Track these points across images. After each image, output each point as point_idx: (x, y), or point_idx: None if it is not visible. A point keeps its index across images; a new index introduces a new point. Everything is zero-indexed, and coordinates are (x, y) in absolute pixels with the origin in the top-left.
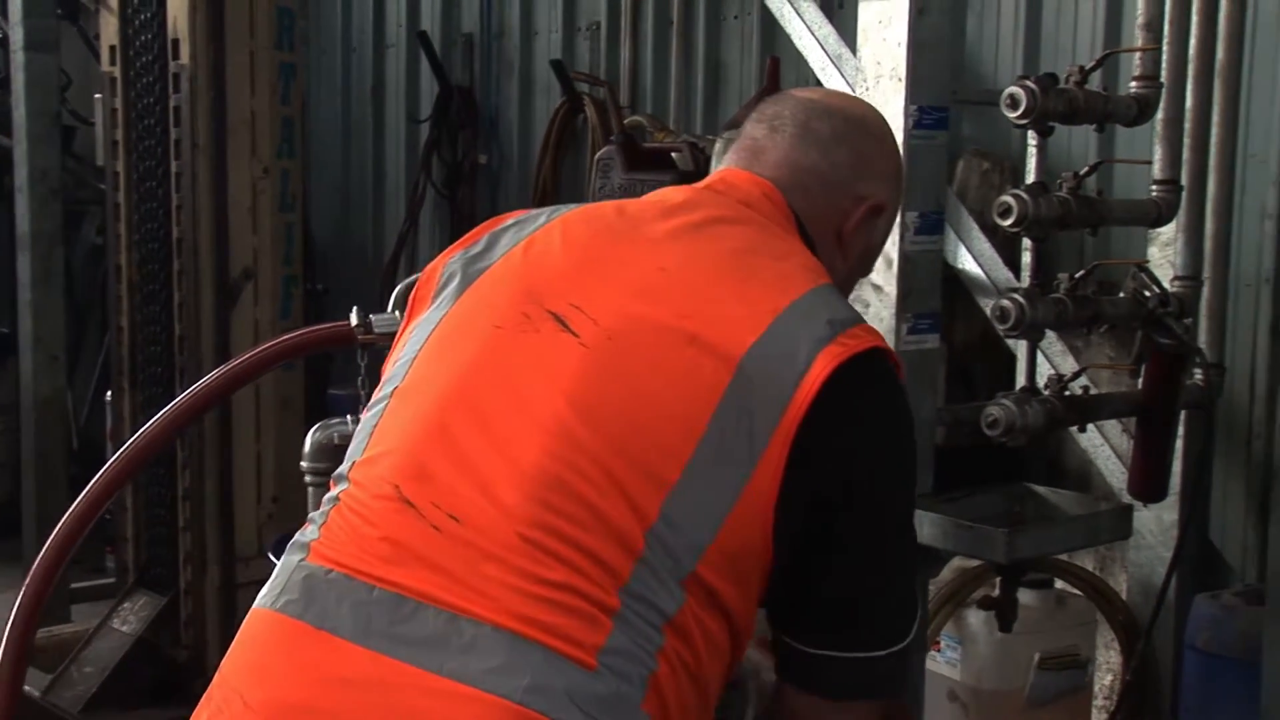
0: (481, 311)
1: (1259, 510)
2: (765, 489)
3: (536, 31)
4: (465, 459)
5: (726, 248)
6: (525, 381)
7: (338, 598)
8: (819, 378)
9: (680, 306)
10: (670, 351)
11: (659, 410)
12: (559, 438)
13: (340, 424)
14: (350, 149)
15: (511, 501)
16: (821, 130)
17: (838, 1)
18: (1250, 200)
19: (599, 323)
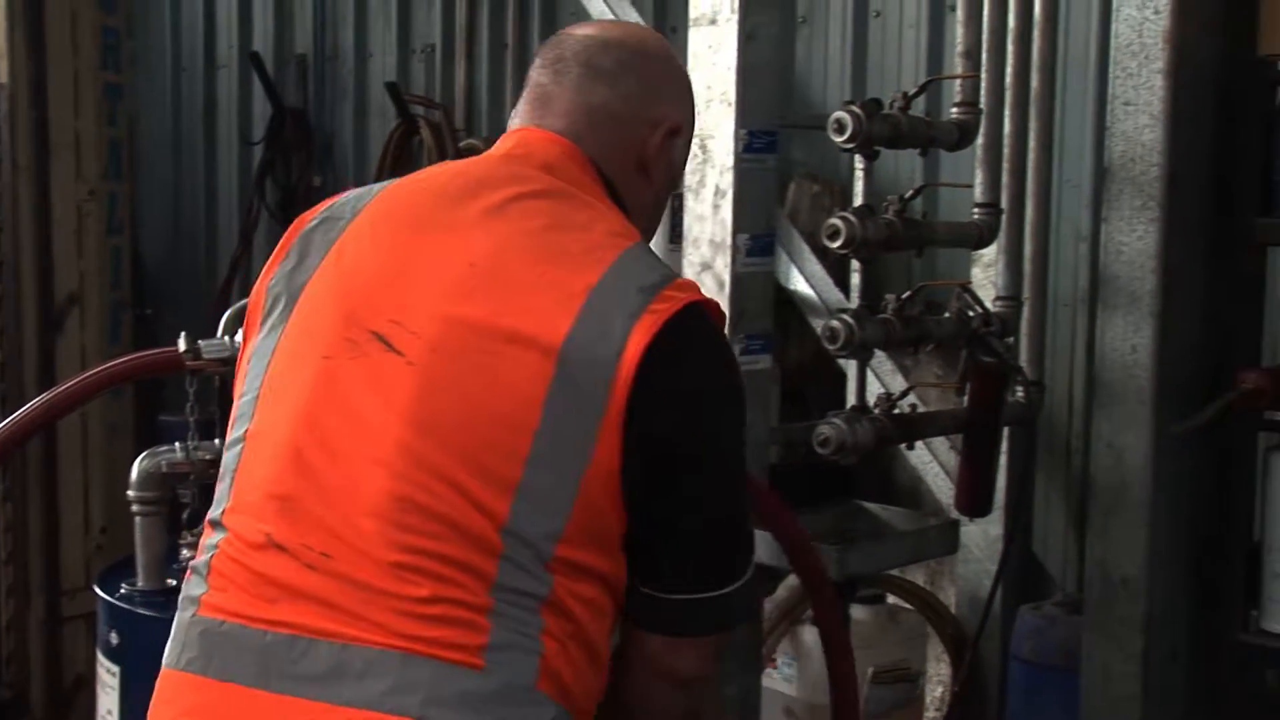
0: (308, 342)
1: (1078, 522)
2: (606, 467)
3: (371, 53)
4: (323, 494)
5: (532, 227)
6: (363, 409)
7: (236, 648)
8: (636, 353)
9: (495, 303)
10: (492, 353)
11: (491, 414)
12: (402, 459)
13: (169, 451)
14: (181, 171)
15: (371, 529)
16: (605, 64)
17: (670, 27)
18: (1066, 223)
19: (420, 335)
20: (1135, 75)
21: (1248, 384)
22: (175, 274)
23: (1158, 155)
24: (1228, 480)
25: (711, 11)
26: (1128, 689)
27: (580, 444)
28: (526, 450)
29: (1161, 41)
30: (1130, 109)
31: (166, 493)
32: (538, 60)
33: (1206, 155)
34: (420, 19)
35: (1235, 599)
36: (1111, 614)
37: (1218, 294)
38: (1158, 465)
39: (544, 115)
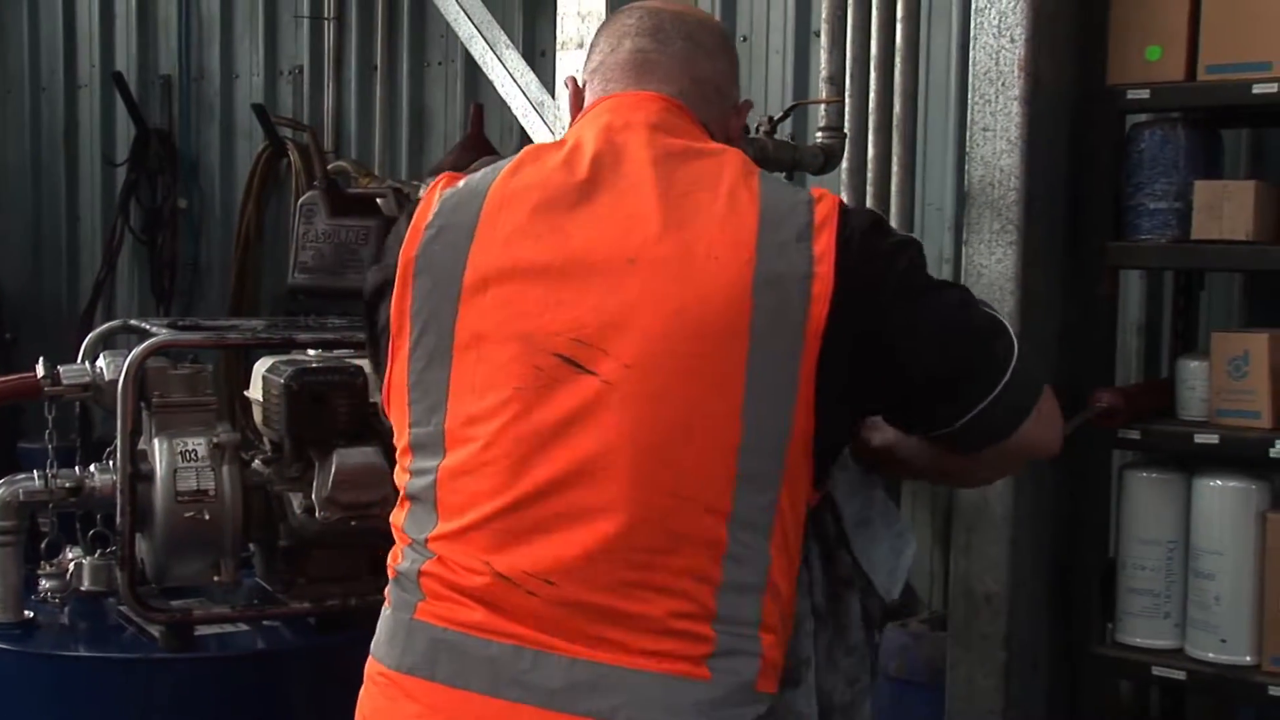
0: (492, 374)
1: (942, 540)
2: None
3: (237, 74)
4: (542, 524)
5: (675, 195)
6: (572, 436)
7: (463, 656)
8: (824, 288)
9: (667, 300)
10: (682, 354)
11: (702, 413)
12: (624, 485)
13: (26, 480)
14: (41, 193)
15: (598, 555)
16: (706, 40)
17: (539, 49)
18: (929, 246)
19: (608, 351)
20: (993, 102)
21: (1102, 403)
22: (36, 298)
23: (1015, 180)
24: (1084, 498)
25: (579, 35)
26: (990, 702)
27: (783, 395)
28: (738, 437)
29: (1018, 69)
30: (989, 134)
31: (24, 522)
32: (624, 27)
33: (1062, 180)
34: (288, 40)
35: (1092, 613)
36: (974, 630)
37: (1073, 315)
38: (1018, 483)
39: (649, 80)
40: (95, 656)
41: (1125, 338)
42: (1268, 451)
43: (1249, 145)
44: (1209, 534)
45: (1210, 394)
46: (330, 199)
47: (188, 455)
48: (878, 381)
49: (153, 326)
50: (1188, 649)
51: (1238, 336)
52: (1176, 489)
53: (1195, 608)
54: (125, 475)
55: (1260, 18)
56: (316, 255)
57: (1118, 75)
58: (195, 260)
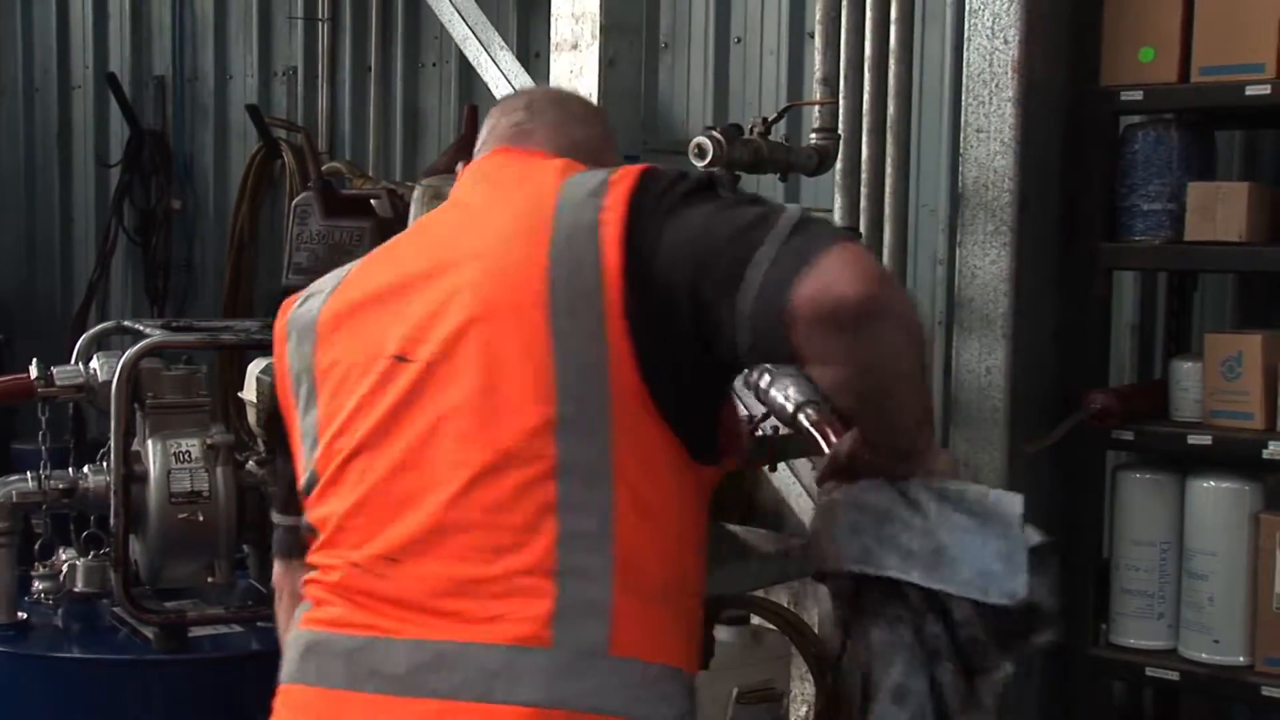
0: (345, 396)
1: None
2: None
3: (231, 75)
4: (387, 509)
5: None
6: (402, 423)
7: (329, 655)
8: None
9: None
10: (486, 323)
11: (512, 375)
12: (447, 453)
13: (20, 480)
14: (35, 194)
15: (431, 527)
16: (577, 110)
17: (534, 51)
18: (923, 247)
19: (426, 340)
20: (987, 103)
21: (1096, 404)
22: (30, 299)
23: (1009, 181)
24: (1078, 498)
25: (573, 37)
26: None
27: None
28: (551, 388)
29: (1011, 71)
30: (982, 136)
31: (18, 523)
32: (500, 110)
33: (1055, 181)
34: (281, 41)
35: (1086, 614)
36: None
37: (1067, 316)
38: (1012, 484)
39: (526, 145)
40: (89, 658)
41: (1119, 339)
42: (1261, 452)
43: (1242, 147)
44: (1202, 535)
45: (1203, 395)
46: (324, 200)
47: (181, 456)
48: (665, 311)
49: (146, 328)
50: (1181, 650)
51: (1231, 338)
52: (1170, 490)
53: (1188, 608)
54: (119, 476)
55: (1253, 20)
56: (311, 256)
57: (1111, 77)
58: (189, 261)
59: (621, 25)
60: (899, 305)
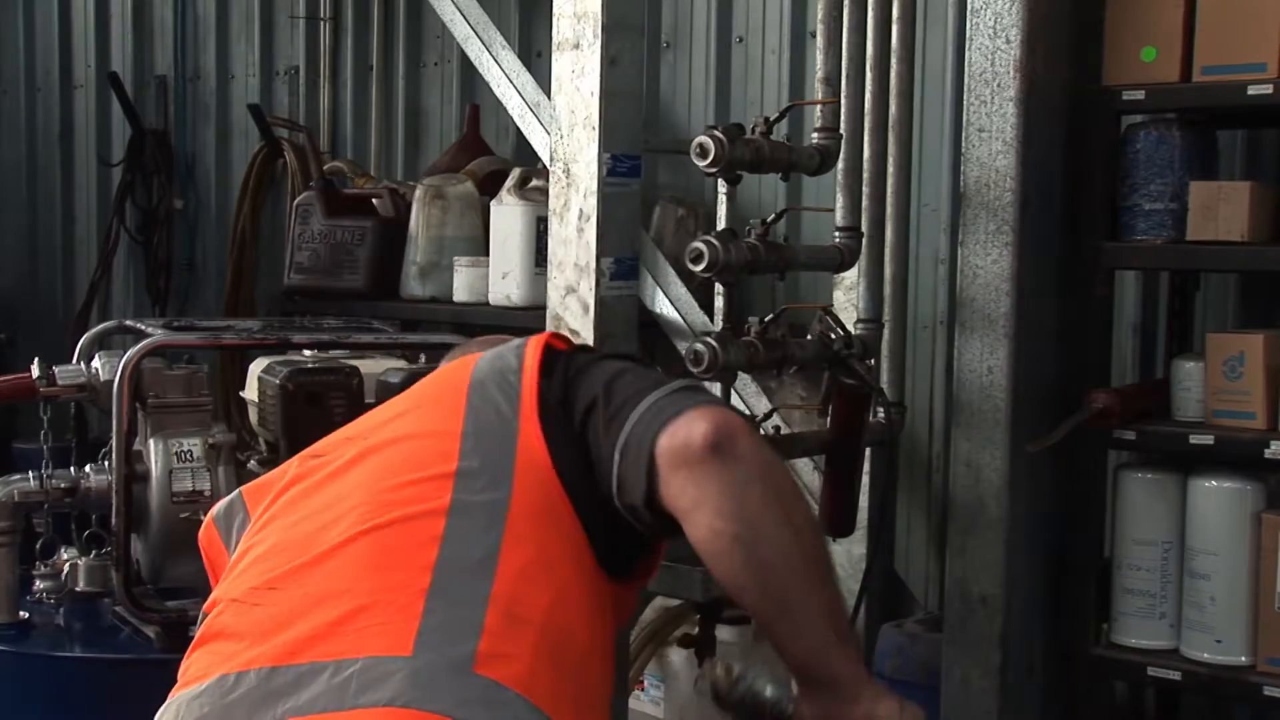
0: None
1: (938, 541)
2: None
3: (233, 75)
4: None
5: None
6: (310, 500)
7: (195, 703)
8: (531, 384)
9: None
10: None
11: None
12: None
13: (21, 480)
14: (37, 193)
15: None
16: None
17: (535, 50)
18: (925, 247)
19: (342, 455)
20: (988, 103)
21: (1098, 403)
22: (32, 298)
23: (1011, 180)
24: (1079, 498)
25: (574, 36)
26: (986, 703)
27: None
28: (456, 446)
29: (1013, 70)
30: (984, 135)
31: (19, 522)
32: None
33: (1057, 181)
34: (283, 41)
35: (1088, 613)
36: (970, 631)
37: (1069, 316)
38: (1014, 484)
39: None
40: (90, 657)
41: (1121, 338)
42: (1263, 452)
43: (1244, 146)
44: (1204, 534)
45: (1206, 395)
46: (326, 199)
47: (183, 456)
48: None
49: (148, 327)
50: (1183, 649)
51: (1233, 337)
52: (1172, 489)
53: (1190, 608)
54: (120, 476)
55: (1255, 19)
56: (312, 256)
57: (1113, 76)
58: (191, 261)
59: (623, 24)
60: (753, 452)
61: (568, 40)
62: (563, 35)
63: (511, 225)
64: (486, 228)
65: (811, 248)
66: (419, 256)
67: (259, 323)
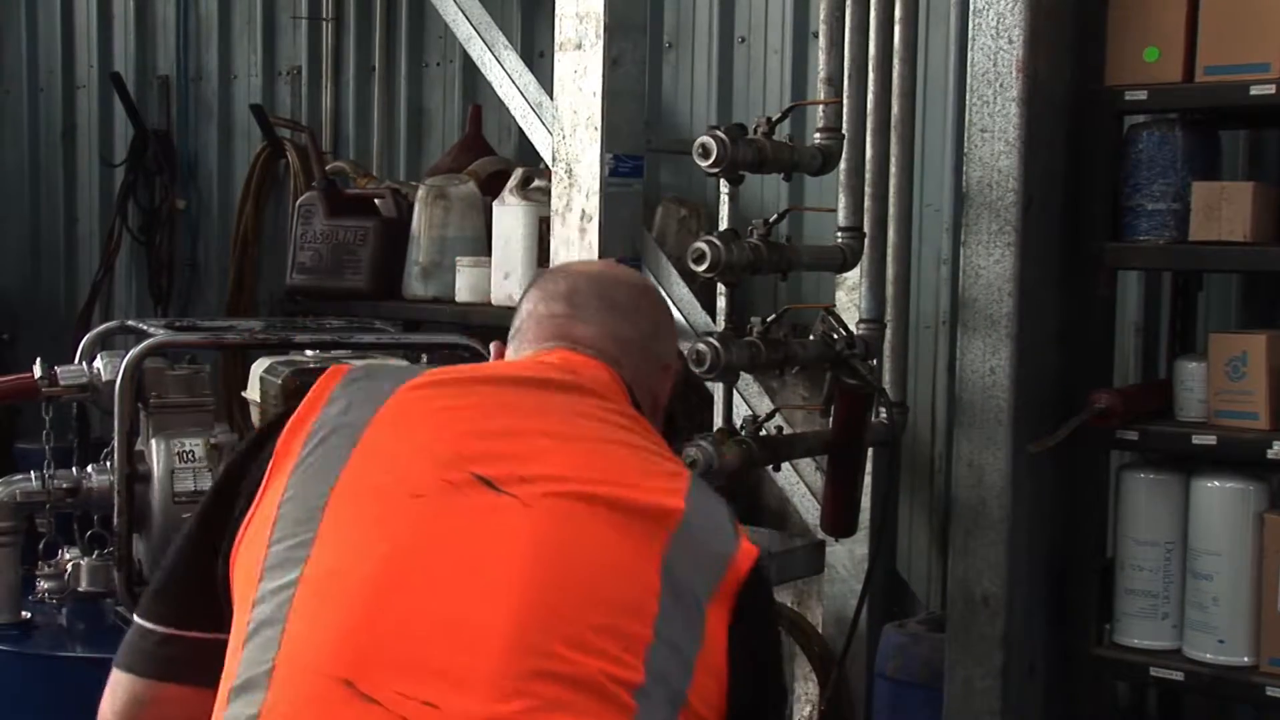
0: (388, 481)
1: (940, 541)
2: (714, 648)
3: (235, 75)
4: (425, 634)
5: (615, 428)
6: (470, 546)
7: None
8: (747, 560)
9: (601, 473)
10: (605, 515)
11: (616, 568)
12: (527, 601)
13: (23, 480)
14: (39, 193)
15: (490, 670)
16: (621, 299)
17: (538, 51)
18: (927, 247)
19: (532, 483)
20: (991, 103)
21: (1100, 404)
22: (34, 298)
23: (1013, 181)
24: (1082, 498)
25: (577, 37)
26: (988, 704)
27: (694, 617)
28: (655, 609)
29: (1015, 70)
30: (987, 135)
31: (21, 522)
32: (539, 293)
33: (1060, 181)
34: (286, 41)
35: (1089, 614)
36: (972, 631)
37: (1071, 316)
38: (1016, 484)
39: (575, 344)
40: (93, 657)
41: (1123, 338)
42: (1265, 452)
43: (1247, 146)
44: (1207, 535)
45: (1208, 395)
46: (328, 200)
47: (185, 456)
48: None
49: (150, 327)
50: (1185, 650)
51: (1236, 337)
52: (1174, 490)
53: (1193, 608)
54: (123, 476)
55: (1258, 19)
56: (314, 256)
57: (1116, 76)
58: (193, 261)
59: (625, 25)
60: None
61: (570, 41)
62: (565, 36)
63: (514, 225)
64: (489, 228)
65: (814, 248)
66: (421, 256)
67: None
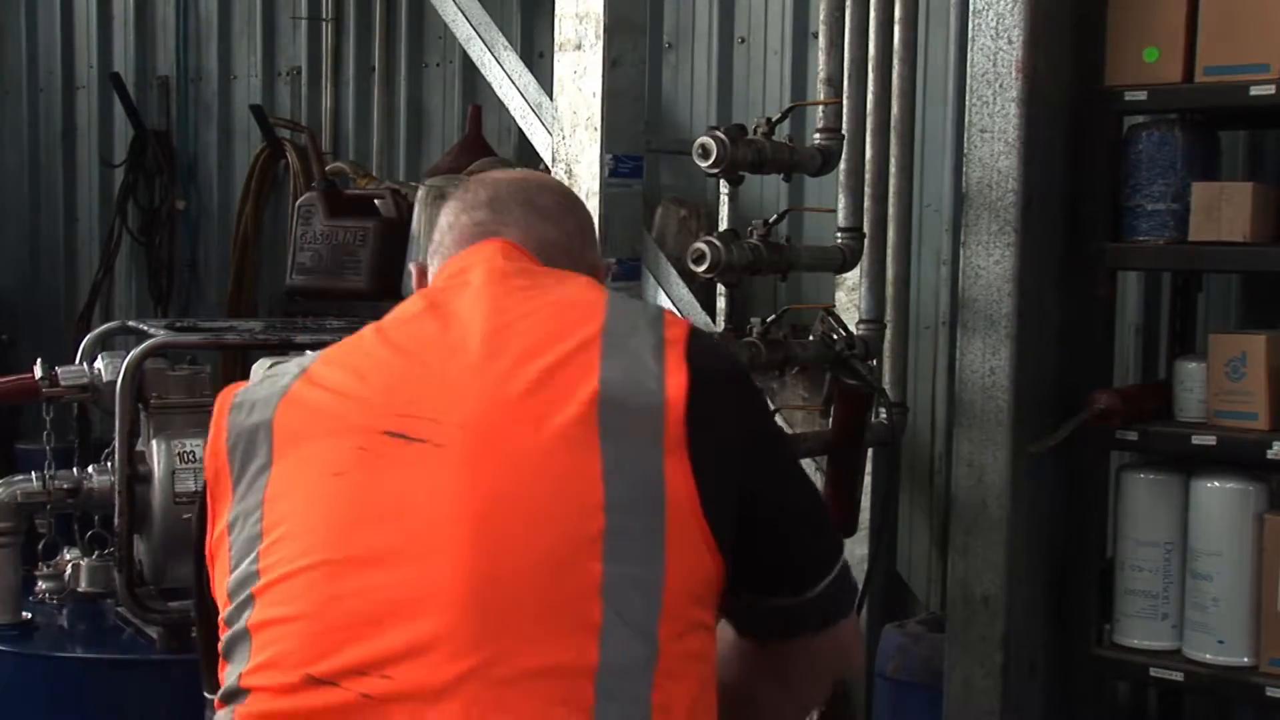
0: (310, 469)
1: (940, 541)
2: (684, 499)
3: (235, 75)
4: (375, 608)
5: (515, 302)
6: (402, 506)
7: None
8: (681, 384)
9: (509, 369)
10: (526, 417)
11: (551, 478)
12: (472, 550)
13: (24, 480)
14: (39, 194)
15: (444, 631)
16: (545, 203)
17: (537, 51)
18: (927, 247)
19: (440, 420)
20: (990, 103)
21: (1100, 404)
22: (33, 300)
23: (1013, 181)
24: (1082, 498)
25: (577, 37)
26: (988, 703)
27: (651, 482)
28: (600, 523)
29: (1015, 71)
30: (986, 136)
31: (21, 523)
32: (458, 204)
33: (1059, 181)
34: (285, 42)
35: (1090, 614)
36: (972, 631)
37: (1071, 316)
38: (1016, 484)
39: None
40: (93, 658)
41: (1123, 339)
42: (1265, 453)
43: (1246, 147)
44: (1207, 535)
45: (1208, 395)
46: (328, 200)
47: (186, 456)
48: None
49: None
50: (1185, 650)
51: (1235, 338)
52: (1174, 490)
53: (1193, 609)
54: (123, 476)
55: (1257, 20)
56: (314, 256)
57: (1115, 77)
58: (193, 261)
59: (625, 25)
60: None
61: (570, 41)
62: (565, 36)
63: None
64: None
65: (813, 248)
66: (421, 257)
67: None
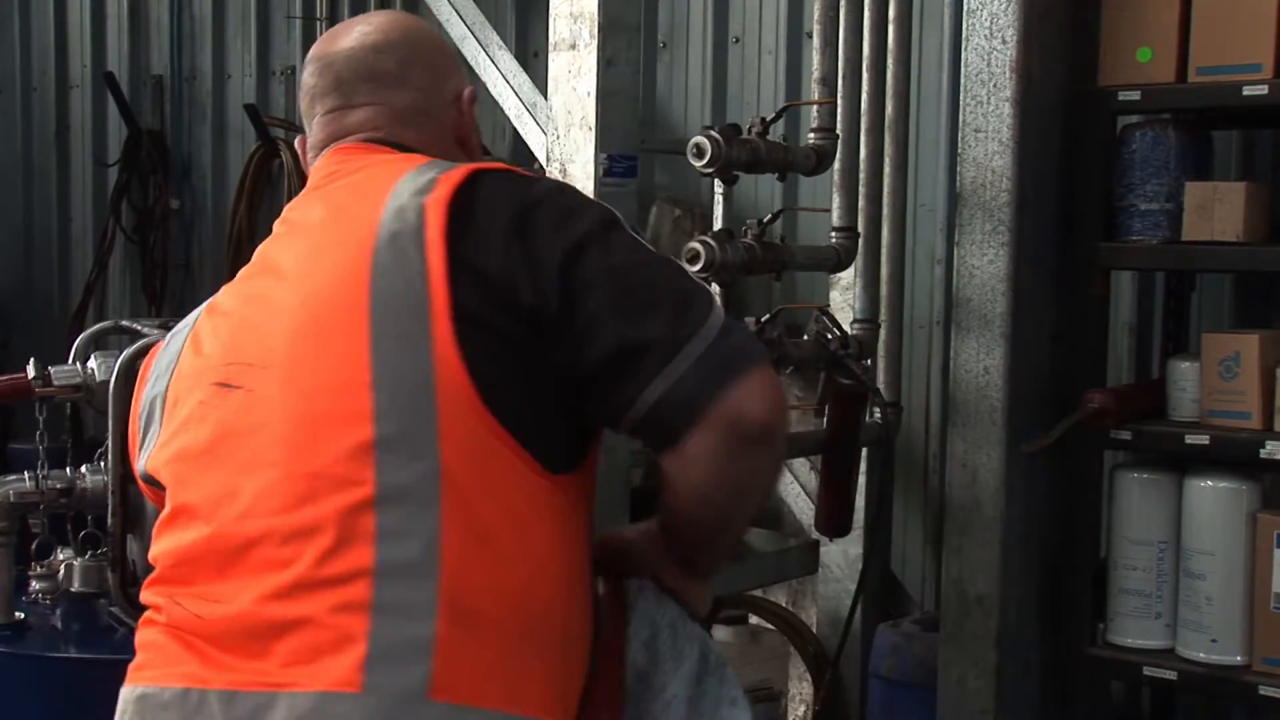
0: (179, 429)
1: (934, 541)
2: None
3: (229, 75)
4: (207, 545)
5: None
6: (217, 455)
7: (151, 711)
8: (439, 213)
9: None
10: (308, 331)
11: (326, 394)
12: (257, 477)
13: (17, 480)
14: (33, 194)
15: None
16: (389, 67)
17: (532, 50)
18: (921, 247)
19: (253, 364)
20: (985, 103)
21: (1094, 404)
22: (27, 299)
23: (1007, 181)
24: (1075, 498)
25: (571, 36)
26: (982, 703)
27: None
28: (368, 403)
29: (1009, 71)
30: (980, 135)
31: (15, 523)
32: (310, 91)
33: (1053, 181)
34: (280, 40)
35: (1083, 614)
36: (966, 630)
37: (1065, 316)
38: (1010, 484)
39: (345, 136)
40: (86, 658)
41: (1116, 338)
42: (1258, 452)
43: (1239, 146)
44: (1200, 534)
45: (1201, 395)
46: None
47: None
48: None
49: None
50: (1179, 649)
51: (1228, 337)
52: (1167, 489)
53: (1186, 608)
54: (117, 476)
55: (1250, 20)
56: None
57: (1109, 77)
58: (187, 261)
59: (620, 25)
60: (783, 438)
61: (564, 40)
62: (559, 35)
63: None
64: None
65: (808, 248)
66: None
67: None
